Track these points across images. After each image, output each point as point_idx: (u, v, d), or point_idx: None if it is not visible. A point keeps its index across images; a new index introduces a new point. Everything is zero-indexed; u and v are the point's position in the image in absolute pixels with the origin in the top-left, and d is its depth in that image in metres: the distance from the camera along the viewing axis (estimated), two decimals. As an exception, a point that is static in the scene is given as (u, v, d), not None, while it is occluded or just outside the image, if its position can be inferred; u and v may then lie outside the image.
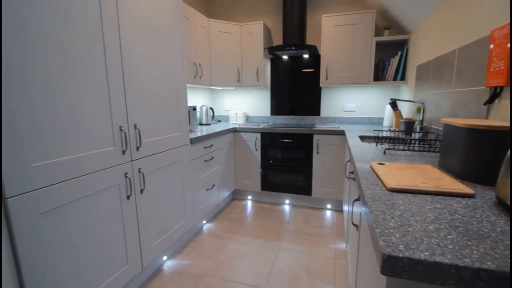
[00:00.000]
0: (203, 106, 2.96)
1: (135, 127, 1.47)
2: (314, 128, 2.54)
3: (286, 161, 2.68)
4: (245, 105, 3.36)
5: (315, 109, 3.09)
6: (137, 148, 1.49)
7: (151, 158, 1.59)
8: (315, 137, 2.53)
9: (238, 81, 2.97)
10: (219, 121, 3.40)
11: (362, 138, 2.07)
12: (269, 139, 2.70)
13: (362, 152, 1.34)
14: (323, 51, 2.66)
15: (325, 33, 2.62)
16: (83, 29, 1.15)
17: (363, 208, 0.81)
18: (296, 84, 3.11)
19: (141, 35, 1.49)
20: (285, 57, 3.07)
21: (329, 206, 2.68)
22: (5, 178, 0.91)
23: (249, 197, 2.97)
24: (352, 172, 1.43)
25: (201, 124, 2.97)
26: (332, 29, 2.60)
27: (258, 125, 2.83)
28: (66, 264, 1.12)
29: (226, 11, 3.23)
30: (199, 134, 2.16)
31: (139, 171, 1.50)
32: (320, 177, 2.58)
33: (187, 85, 2.54)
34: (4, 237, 0.92)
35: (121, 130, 1.37)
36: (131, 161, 1.45)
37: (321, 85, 2.73)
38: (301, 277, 1.68)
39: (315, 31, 2.95)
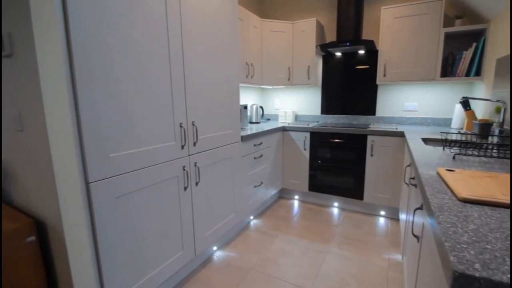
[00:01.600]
0: (253, 104, 3.02)
1: (193, 124, 1.58)
2: (369, 129, 2.39)
3: (336, 162, 2.58)
4: (295, 104, 3.33)
5: (369, 108, 2.90)
6: (194, 144, 1.60)
7: (205, 153, 1.69)
8: (370, 138, 2.38)
9: (289, 79, 2.96)
10: (268, 119, 3.44)
11: (426, 140, 1.88)
12: (318, 138, 2.63)
13: (426, 156, 1.21)
14: (381, 46, 2.47)
15: (384, 26, 2.44)
16: (152, 36, 1.28)
17: (428, 218, 0.74)
18: (349, 82, 2.96)
19: (200, 39, 1.59)
20: (338, 54, 2.94)
21: (382, 212, 2.51)
22: (89, 166, 1.07)
23: (296, 197, 2.94)
24: (413, 178, 1.31)
25: (251, 123, 3.04)
26: (393, 22, 2.40)
27: (308, 124, 2.78)
28: (133, 243, 1.27)
29: (278, 10, 3.24)
30: (249, 132, 2.22)
31: (195, 165, 1.62)
32: (374, 181, 2.42)
33: (239, 84, 2.62)
34: (86, 216, 1.08)
35: (181, 126, 1.49)
36: (189, 155, 1.56)
37: (377, 82, 2.55)
38: (350, 284, 1.60)
39: (372, 25, 2.76)
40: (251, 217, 2.47)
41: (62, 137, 0.99)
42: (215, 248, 1.97)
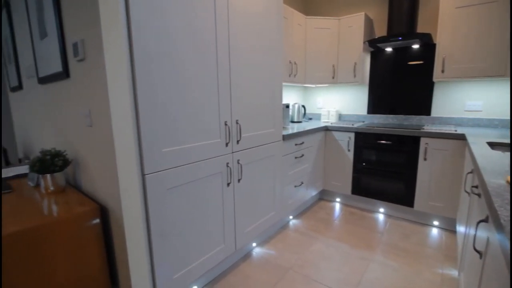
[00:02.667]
0: (295, 104, 2.99)
1: (237, 123, 1.63)
2: (423, 130, 2.19)
3: (383, 165, 2.42)
4: (338, 103, 3.21)
5: (423, 108, 2.66)
6: (237, 142, 1.64)
7: (248, 151, 1.73)
8: (423, 140, 2.18)
9: (333, 78, 2.86)
10: (310, 119, 3.37)
11: (492, 145, 1.66)
12: (364, 139, 2.50)
13: (493, 163, 1.07)
14: (440, 39, 2.25)
15: (443, 17, 2.21)
16: (202, 40, 1.35)
17: (495, 233, 0.66)
18: (400, 79, 2.75)
19: (246, 41, 1.62)
20: (388, 49, 2.75)
21: (436, 223, 2.29)
22: (145, 159, 1.17)
23: (338, 199, 2.84)
24: (476, 187, 1.17)
25: (292, 122, 3.02)
26: (454, 12, 2.16)
27: (352, 124, 2.66)
28: (180, 232, 1.36)
29: (323, 6, 3.14)
30: (290, 131, 2.21)
31: (238, 162, 1.66)
32: (427, 187, 2.22)
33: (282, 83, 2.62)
34: (141, 204, 1.18)
35: (226, 125, 1.55)
36: (232, 152, 1.62)
37: (434, 79, 2.32)
38: (396, 295, 1.50)
39: (428, 17, 2.52)
40: (291, 217, 2.45)
41: (124, 132, 1.10)
42: (254, 244, 2.00)
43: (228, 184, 1.61)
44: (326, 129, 2.70)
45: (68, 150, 1.55)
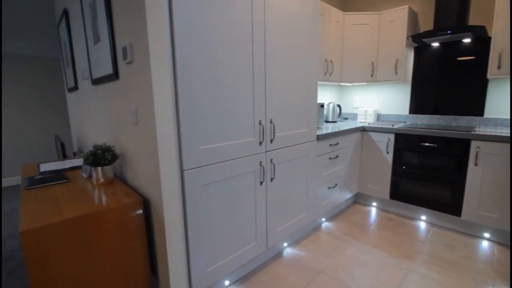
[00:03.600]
0: (330, 103, 2.91)
1: (271, 122, 1.63)
2: (474, 132, 2.00)
3: (427, 170, 2.26)
4: (377, 102, 3.06)
5: (474, 108, 2.42)
6: (271, 141, 1.65)
7: (281, 150, 1.73)
8: (474, 143, 1.99)
9: (372, 75, 2.73)
10: (346, 118, 3.26)
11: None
12: (405, 141, 2.35)
13: None
14: (496, 32, 2.02)
15: (500, 7, 1.99)
16: (238, 40, 1.38)
17: None
18: (447, 76, 2.53)
19: (281, 40, 1.62)
20: (434, 44, 2.55)
21: (486, 235, 2.07)
22: (184, 156, 1.23)
23: (374, 204, 2.71)
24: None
25: (327, 122, 2.94)
26: (517, 1, 1.93)
27: (392, 125, 2.51)
28: (214, 228, 1.40)
29: (362, 1, 3.01)
30: (324, 131, 2.16)
31: (271, 161, 1.67)
32: (477, 195, 2.02)
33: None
34: (179, 198, 1.24)
35: (260, 124, 1.56)
36: (266, 151, 1.63)
37: (488, 76, 2.10)
38: (439, 310, 1.39)
39: (481, 8, 2.28)
40: (323, 219, 2.40)
41: (166, 130, 1.17)
42: (285, 244, 1.99)
43: (261, 183, 1.63)
44: (363, 129, 2.59)
45: (116, 146, 1.69)
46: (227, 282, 1.60)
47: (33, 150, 3.99)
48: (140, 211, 1.33)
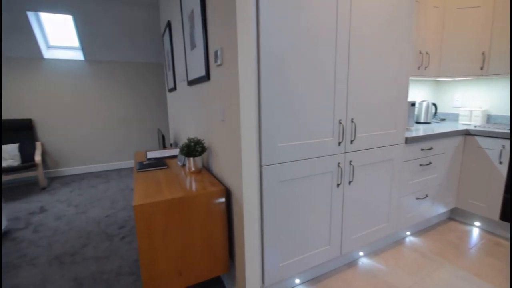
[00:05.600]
0: (423, 101, 2.56)
1: (352, 121, 1.55)
2: None
3: None
4: (487, 101, 2.52)
5: None
6: (351, 142, 1.57)
7: (362, 152, 1.62)
8: None
9: (481, 68, 2.26)
10: (443, 119, 2.80)
11: None
12: (529, 150, 1.87)
13: None
14: None
15: None
16: (322, 36, 1.35)
17: None
18: None
19: (369, 30, 1.51)
20: None
21: None
22: (263, 152, 1.29)
23: (476, 223, 2.25)
24: None
25: (418, 122, 2.60)
26: None
27: (509, 129, 2.03)
28: (288, 224, 1.43)
29: (475, -20, 2.51)
30: (414, 134, 1.91)
31: (350, 163, 1.58)
32: None
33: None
34: (257, 191, 1.31)
35: (340, 123, 1.50)
36: (345, 152, 1.55)
37: None
38: None
39: None
40: (408, 233, 2.13)
41: (249, 127, 1.25)
42: (361, 253, 1.87)
43: (338, 185, 1.56)
44: (466, 133, 2.18)
45: (205, 139, 1.90)
46: (297, 281, 1.61)
47: (142, 140, 4.87)
48: (223, 199, 1.46)
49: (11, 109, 3.94)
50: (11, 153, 3.65)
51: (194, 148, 1.65)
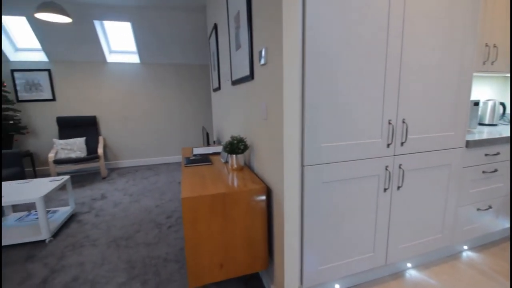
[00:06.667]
0: (488, 100, 2.27)
1: (403, 122, 1.44)
2: None
3: None
4: None
5: None
6: (402, 144, 1.46)
7: (414, 156, 1.50)
8: None
9: None
10: (514, 122, 2.44)
11: None
12: None
13: None
14: None
15: None
16: (372, 31, 1.28)
17: None
18: None
19: (425, 21, 1.39)
20: None
21: None
22: (306, 152, 1.28)
23: (556, 243, 1.93)
24: None
25: (481, 124, 2.31)
26: None
27: None
28: (329, 227, 1.39)
29: None
30: (477, 137, 1.70)
31: (399, 167, 1.48)
32: None
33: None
34: (298, 191, 1.30)
35: (389, 123, 1.41)
36: (394, 155, 1.46)
37: None
38: None
39: None
40: (465, 247, 1.92)
41: (291, 126, 1.25)
42: (409, 265, 1.73)
43: (385, 190, 1.47)
44: (545, 138, 1.87)
45: (247, 137, 1.95)
46: (337, 286, 1.56)
47: (188, 136, 5.19)
48: (264, 198, 1.49)
49: (80, 107, 4.51)
50: (79, 145, 4.17)
51: (237, 146, 1.70)
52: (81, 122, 4.41)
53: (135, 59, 4.66)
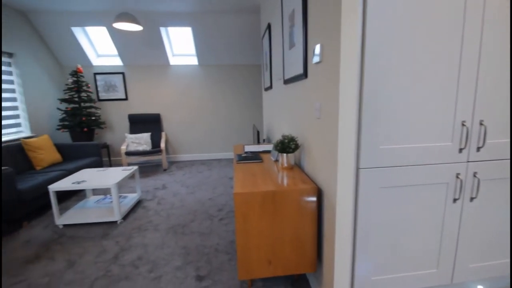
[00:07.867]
0: None
1: (481, 124, 1.26)
2: None
3: None
4: None
5: None
6: (478, 149, 1.28)
7: (493, 163, 1.30)
8: None
9: None
10: None
11: None
12: None
13: None
14: None
15: None
16: (442, 24, 1.14)
17: None
18: None
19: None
20: None
21: None
22: (362, 154, 1.21)
23: None
24: None
25: None
26: None
27: None
28: (385, 236, 1.30)
29: None
30: None
31: (474, 176, 1.30)
32: None
33: None
34: (352, 195, 1.24)
35: (463, 125, 1.24)
36: (467, 161, 1.28)
37: None
38: None
39: None
40: (562, 276, 1.58)
41: (347, 126, 1.20)
42: (480, 287, 1.51)
43: (455, 200, 1.31)
44: None
45: (299, 137, 1.94)
46: (392, 299, 1.45)
47: (239, 134, 5.39)
48: (314, 198, 1.46)
49: (147, 105, 5.06)
50: (146, 140, 4.68)
51: (287, 145, 1.70)
52: (147, 119, 4.95)
53: (194, 61, 5.01)
